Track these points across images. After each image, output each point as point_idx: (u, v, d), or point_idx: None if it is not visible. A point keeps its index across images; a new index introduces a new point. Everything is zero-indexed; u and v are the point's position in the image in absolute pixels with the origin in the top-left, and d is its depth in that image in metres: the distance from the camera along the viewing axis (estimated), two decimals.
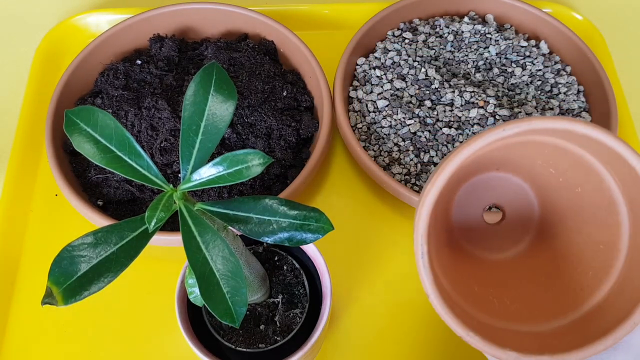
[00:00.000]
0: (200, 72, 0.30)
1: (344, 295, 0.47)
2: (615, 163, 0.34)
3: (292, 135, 0.50)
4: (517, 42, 0.55)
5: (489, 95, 0.51)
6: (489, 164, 0.39)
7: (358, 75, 0.55)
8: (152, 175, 0.28)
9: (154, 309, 0.47)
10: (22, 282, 0.48)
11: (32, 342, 0.46)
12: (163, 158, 0.47)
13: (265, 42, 0.56)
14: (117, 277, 0.26)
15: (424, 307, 0.47)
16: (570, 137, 0.34)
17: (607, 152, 0.33)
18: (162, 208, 0.26)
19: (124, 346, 0.45)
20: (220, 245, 0.27)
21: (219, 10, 0.55)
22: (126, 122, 0.49)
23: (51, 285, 0.25)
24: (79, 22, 0.61)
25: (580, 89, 0.54)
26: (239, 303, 0.26)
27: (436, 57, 0.55)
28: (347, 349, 0.46)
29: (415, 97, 0.52)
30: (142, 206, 0.48)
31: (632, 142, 0.54)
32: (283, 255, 0.41)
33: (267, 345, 0.38)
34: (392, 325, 0.46)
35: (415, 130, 0.50)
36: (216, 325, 0.38)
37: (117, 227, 0.27)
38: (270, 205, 0.29)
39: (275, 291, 0.40)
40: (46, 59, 0.59)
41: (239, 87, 0.50)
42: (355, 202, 0.52)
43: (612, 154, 0.33)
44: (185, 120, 0.29)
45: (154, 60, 0.53)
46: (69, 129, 0.28)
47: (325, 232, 0.29)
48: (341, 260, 0.48)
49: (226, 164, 0.27)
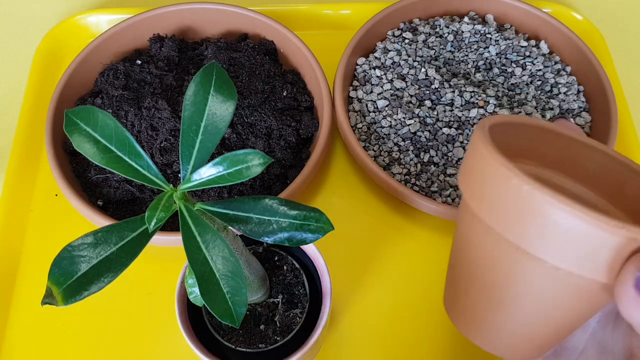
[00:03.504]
0: (200, 72, 0.30)
1: (344, 295, 0.47)
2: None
3: (292, 135, 0.50)
4: (517, 42, 0.55)
5: (489, 95, 0.51)
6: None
7: (358, 75, 0.55)
8: (152, 175, 0.28)
9: (154, 309, 0.47)
10: (22, 282, 0.48)
11: (32, 342, 0.46)
12: (163, 158, 0.47)
13: (265, 42, 0.56)
14: (117, 277, 0.26)
15: (424, 307, 0.47)
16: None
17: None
18: (162, 208, 0.26)
19: (124, 346, 0.45)
20: (220, 245, 0.27)
21: (219, 10, 0.55)
22: (126, 122, 0.49)
23: (51, 285, 0.25)
24: (79, 22, 0.61)
25: (580, 89, 0.54)
26: (239, 303, 0.26)
27: (436, 57, 0.55)
28: (347, 349, 0.46)
29: (415, 97, 0.52)
30: (142, 206, 0.48)
31: (632, 142, 0.54)
32: (283, 255, 0.41)
33: (267, 345, 0.38)
34: (392, 325, 0.46)
35: (415, 130, 0.50)
36: (216, 325, 0.38)
37: (117, 227, 0.27)
38: (270, 205, 0.29)
39: (275, 291, 0.40)
40: (46, 59, 0.59)
41: (239, 87, 0.50)
42: (355, 202, 0.52)
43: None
44: (185, 120, 0.29)
45: (154, 60, 0.53)
46: (69, 129, 0.28)
47: (325, 232, 0.29)
48: (341, 260, 0.48)
49: (226, 164, 0.27)
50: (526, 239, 0.25)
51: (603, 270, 0.24)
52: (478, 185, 0.28)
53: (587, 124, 0.52)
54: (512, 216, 0.26)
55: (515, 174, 0.25)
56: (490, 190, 0.27)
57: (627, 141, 0.54)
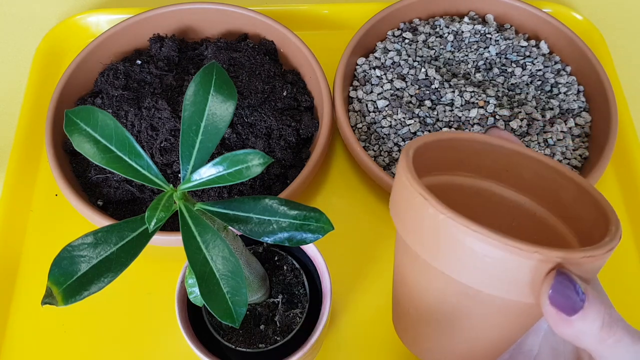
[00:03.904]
0: (200, 72, 0.30)
1: (344, 295, 0.47)
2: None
3: (292, 135, 0.50)
4: (517, 42, 0.55)
5: (489, 95, 0.51)
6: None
7: (358, 75, 0.55)
8: (152, 175, 0.28)
9: (154, 309, 0.47)
10: (22, 282, 0.48)
11: (32, 342, 0.46)
12: (163, 158, 0.47)
13: (265, 42, 0.56)
14: (117, 277, 0.26)
15: None
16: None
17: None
18: (162, 208, 0.26)
19: (124, 346, 0.45)
20: (220, 245, 0.27)
21: (219, 10, 0.55)
22: (126, 122, 0.49)
23: (51, 285, 0.25)
24: (79, 22, 0.61)
25: (580, 89, 0.54)
26: (239, 303, 0.26)
27: (436, 57, 0.55)
28: (347, 349, 0.46)
29: (415, 97, 0.52)
30: (142, 206, 0.48)
31: (632, 142, 0.54)
32: (283, 255, 0.41)
33: (267, 345, 0.38)
34: (392, 324, 0.46)
35: (415, 130, 0.50)
36: (216, 325, 0.38)
37: (117, 227, 0.27)
38: (270, 205, 0.29)
39: (275, 291, 0.40)
40: (46, 59, 0.59)
41: (239, 87, 0.50)
42: (355, 202, 0.52)
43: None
44: (185, 120, 0.29)
45: (154, 60, 0.53)
46: (69, 129, 0.28)
47: (325, 232, 0.29)
48: (341, 260, 0.48)
49: (226, 164, 0.27)
50: (449, 265, 0.26)
51: (526, 292, 0.25)
52: (403, 214, 0.28)
53: (587, 124, 0.52)
54: (433, 244, 0.26)
55: (431, 203, 0.25)
56: (413, 219, 0.27)
57: (627, 141, 0.54)
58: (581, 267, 0.24)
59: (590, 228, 0.30)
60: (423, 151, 0.30)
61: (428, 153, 0.31)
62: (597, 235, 0.27)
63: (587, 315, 0.24)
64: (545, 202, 0.34)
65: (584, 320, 0.24)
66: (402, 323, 0.33)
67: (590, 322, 0.24)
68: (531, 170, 0.34)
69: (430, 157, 0.32)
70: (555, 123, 0.51)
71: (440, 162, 0.33)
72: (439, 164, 0.34)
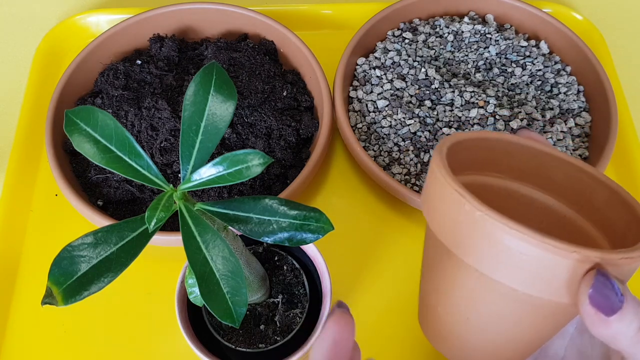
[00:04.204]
0: (200, 72, 0.30)
1: (344, 295, 0.47)
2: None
3: (292, 135, 0.50)
4: (517, 42, 0.55)
5: (489, 95, 0.51)
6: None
7: (358, 75, 0.55)
8: (152, 175, 0.28)
9: (154, 309, 0.47)
10: (22, 282, 0.48)
11: (32, 342, 0.46)
12: (163, 158, 0.47)
13: (265, 42, 0.56)
14: (117, 277, 0.26)
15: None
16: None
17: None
18: (162, 208, 0.26)
19: (124, 346, 0.45)
20: (220, 245, 0.27)
21: (219, 10, 0.55)
22: (126, 122, 0.49)
23: (51, 285, 0.25)
24: (79, 22, 0.61)
25: (580, 89, 0.54)
26: (239, 303, 0.26)
27: (436, 57, 0.55)
28: None
29: (415, 97, 0.52)
30: (142, 206, 0.48)
31: (632, 142, 0.54)
32: (283, 255, 0.41)
33: (267, 345, 0.38)
34: (392, 324, 0.46)
35: (415, 130, 0.50)
36: (216, 325, 0.38)
37: (117, 227, 0.27)
38: (270, 205, 0.29)
39: (275, 291, 0.40)
40: (46, 59, 0.59)
41: (239, 87, 0.50)
42: (355, 202, 0.52)
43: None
44: (185, 120, 0.29)
45: (154, 60, 0.53)
46: (69, 129, 0.28)
47: (325, 232, 0.29)
48: (341, 260, 0.48)
49: (226, 164, 0.27)
50: (483, 262, 0.25)
51: (562, 291, 0.25)
52: (437, 210, 0.28)
53: (587, 124, 0.52)
54: (468, 241, 0.26)
55: (468, 200, 0.25)
56: (448, 215, 0.27)
57: (627, 141, 0.54)
58: (619, 268, 0.24)
59: (622, 231, 0.30)
60: (456, 149, 0.30)
61: (460, 152, 0.31)
62: (631, 238, 0.27)
63: (624, 316, 0.24)
64: (575, 205, 0.34)
65: (622, 321, 0.24)
66: (429, 319, 0.33)
67: (627, 323, 0.24)
68: (562, 172, 0.33)
69: (462, 156, 0.32)
70: (555, 123, 0.51)
71: (471, 161, 0.33)
72: (470, 163, 0.33)
